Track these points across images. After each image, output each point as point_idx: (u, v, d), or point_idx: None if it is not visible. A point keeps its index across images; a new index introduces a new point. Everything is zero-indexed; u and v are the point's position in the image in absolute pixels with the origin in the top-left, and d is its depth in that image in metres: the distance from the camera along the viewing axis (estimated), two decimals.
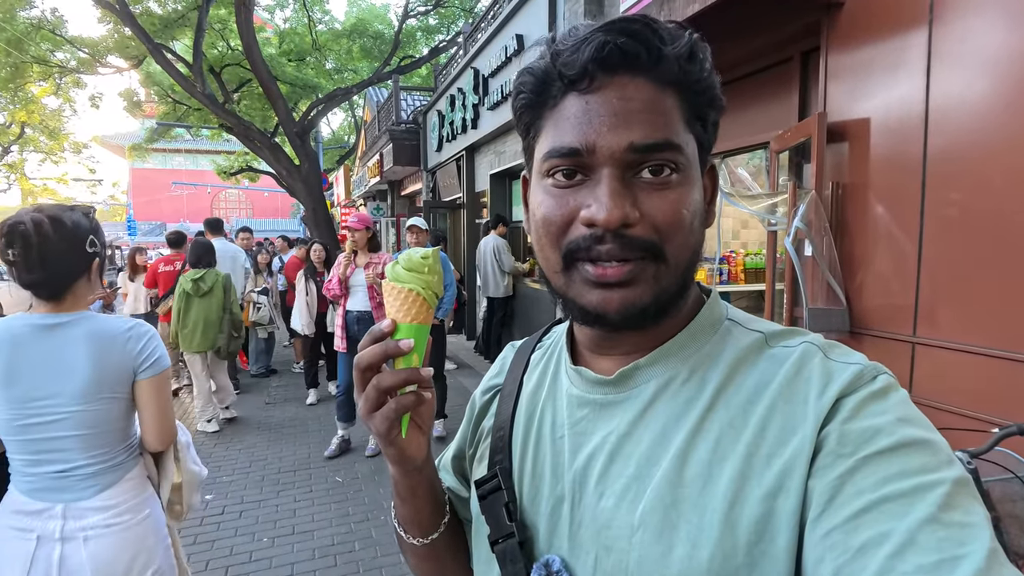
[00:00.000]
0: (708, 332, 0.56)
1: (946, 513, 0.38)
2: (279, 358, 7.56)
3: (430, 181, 10.44)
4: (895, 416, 0.44)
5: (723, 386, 0.52)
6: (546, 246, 0.54)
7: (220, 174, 21.68)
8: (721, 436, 0.49)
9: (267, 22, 17.81)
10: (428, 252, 0.59)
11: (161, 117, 17.35)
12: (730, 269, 5.51)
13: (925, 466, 0.41)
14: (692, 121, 0.52)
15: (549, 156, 0.52)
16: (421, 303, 0.58)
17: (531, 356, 0.70)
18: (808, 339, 0.53)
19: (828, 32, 2.81)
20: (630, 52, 0.49)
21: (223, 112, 12.10)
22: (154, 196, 38.70)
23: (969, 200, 2.24)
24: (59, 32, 13.35)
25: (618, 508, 0.52)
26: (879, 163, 2.59)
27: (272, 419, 5.33)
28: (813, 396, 0.47)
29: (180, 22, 12.84)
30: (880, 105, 2.58)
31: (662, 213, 0.50)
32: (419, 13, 13.13)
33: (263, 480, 4.00)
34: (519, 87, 0.56)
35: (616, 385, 0.56)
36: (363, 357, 0.54)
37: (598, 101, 0.50)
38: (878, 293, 2.61)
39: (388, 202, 14.66)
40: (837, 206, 2.78)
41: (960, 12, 2.26)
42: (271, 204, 39.75)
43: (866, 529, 0.40)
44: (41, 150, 23.32)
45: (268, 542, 3.19)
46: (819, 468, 0.44)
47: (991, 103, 2.17)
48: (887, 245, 2.56)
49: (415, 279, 0.58)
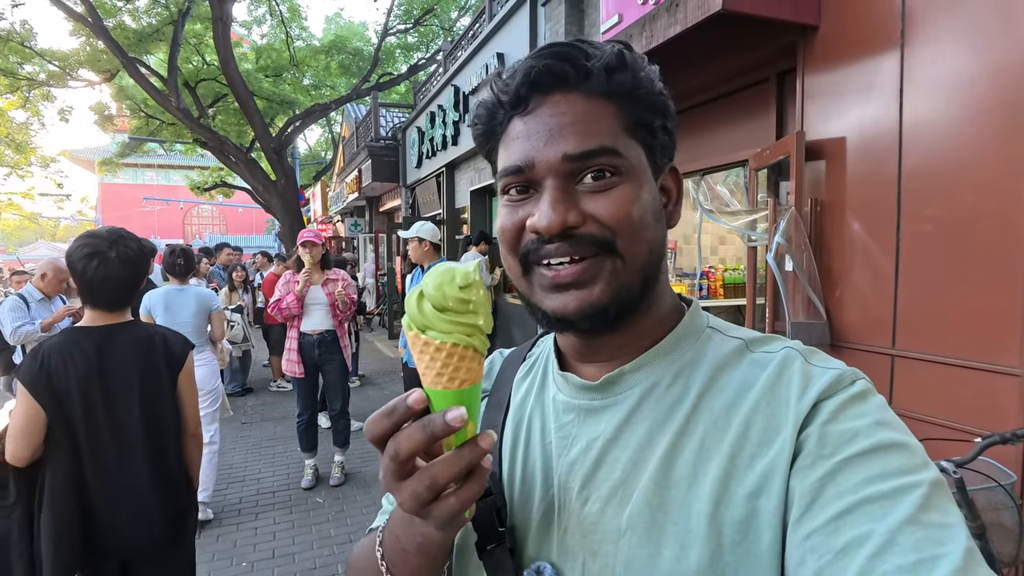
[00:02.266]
0: (691, 339, 0.58)
1: (925, 514, 0.39)
2: (256, 376, 7.41)
3: (409, 197, 10.42)
4: (873, 419, 0.45)
5: (706, 389, 0.53)
6: (506, 254, 0.57)
7: (194, 189, 21.34)
8: (705, 437, 0.50)
9: (244, 38, 17.73)
10: (467, 276, 0.44)
11: (133, 131, 17.07)
12: (710, 284, 5.59)
13: (903, 468, 0.42)
14: (634, 127, 0.54)
15: (501, 176, 0.56)
16: (471, 357, 0.44)
17: (521, 365, 0.71)
18: (788, 345, 0.54)
19: (804, 54, 2.90)
20: (557, 72, 0.52)
21: (198, 127, 11.98)
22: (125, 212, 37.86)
23: (942, 215, 2.32)
24: (28, 44, 13.10)
25: (604, 513, 0.52)
26: (856, 180, 2.67)
27: (250, 439, 5.21)
28: (794, 399, 0.48)
29: (155, 36, 12.70)
30: (855, 124, 2.66)
31: (606, 210, 0.51)
32: (399, 31, 13.18)
33: (240, 502, 3.90)
34: (474, 119, 0.60)
35: (601, 390, 0.57)
36: (401, 446, 0.43)
37: (534, 120, 0.53)
38: (857, 307, 2.67)
39: (366, 218, 14.58)
40: (816, 222, 2.84)
41: (930, 37, 2.35)
42: (246, 220, 39.19)
43: (847, 530, 0.40)
44: (6, 164, 22.68)
45: (247, 566, 3.09)
46: (799, 469, 0.45)
47: (960, 122, 2.25)
48: (865, 260, 2.62)
49: (456, 326, 0.43)
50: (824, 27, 2.80)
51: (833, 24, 2.76)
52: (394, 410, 0.44)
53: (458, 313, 0.43)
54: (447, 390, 0.43)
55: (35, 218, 32.44)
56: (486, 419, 0.67)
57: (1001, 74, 2.12)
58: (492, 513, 0.58)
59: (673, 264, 5.88)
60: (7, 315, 3.92)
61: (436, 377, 0.43)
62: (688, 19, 2.76)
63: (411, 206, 10.35)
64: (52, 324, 4.07)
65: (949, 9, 2.30)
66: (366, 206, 14.37)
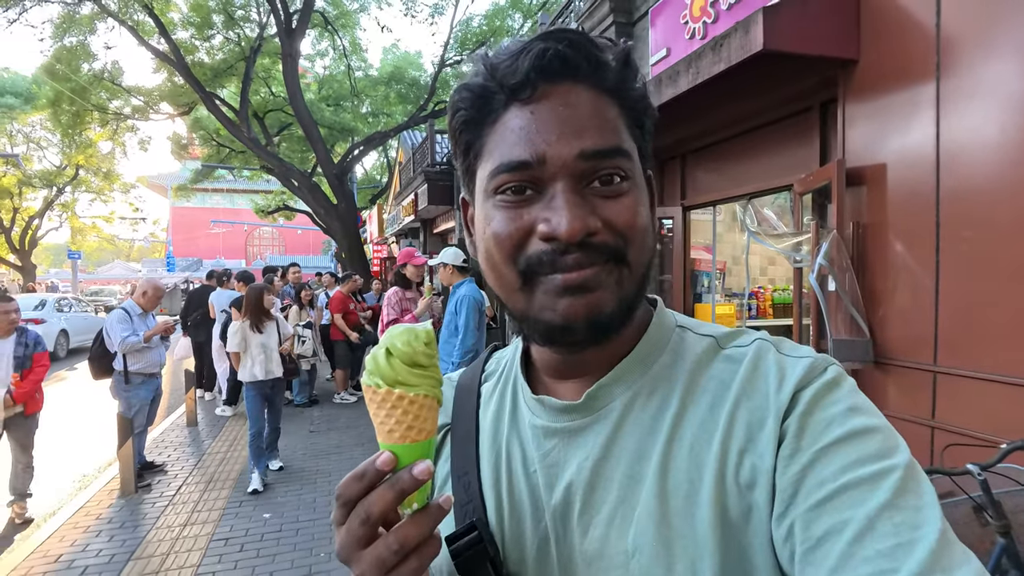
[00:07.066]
0: (663, 342, 0.56)
1: (901, 498, 0.40)
2: (320, 389, 7.85)
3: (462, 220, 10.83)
4: (846, 406, 0.46)
5: (688, 392, 0.52)
6: (499, 264, 0.51)
7: (258, 212, 22.61)
8: (695, 441, 0.49)
9: (307, 70, 18.79)
10: (428, 333, 0.47)
11: (205, 159, 18.32)
12: (759, 304, 5.68)
13: (878, 452, 0.43)
14: (632, 128, 0.53)
15: (497, 172, 0.50)
16: (434, 407, 0.47)
17: (480, 389, 0.66)
18: (758, 336, 0.54)
19: (844, 85, 3.07)
20: (571, 59, 0.49)
21: (266, 154, 12.77)
22: (192, 234, 40.20)
23: (979, 236, 2.44)
24: (117, 82, 14.34)
25: (607, 537, 0.50)
26: (896, 204, 2.81)
27: (317, 446, 5.58)
28: (772, 391, 0.48)
29: (228, 71, 13.71)
30: (895, 151, 2.81)
31: (622, 219, 0.49)
32: (454, 63, 13.76)
33: (315, 501, 4.23)
34: (456, 104, 0.53)
35: (582, 410, 0.54)
36: (373, 508, 0.43)
37: (543, 110, 0.49)
38: (899, 325, 2.79)
39: (420, 239, 15.11)
40: (858, 244, 2.98)
41: (964, 67, 2.50)
42: (303, 241, 40.91)
43: (827, 518, 0.41)
44: (92, 190, 24.64)
45: (325, 556, 3.40)
46: (782, 460, 0.45)
47: (995, 147, 2.39)
48: (906, 279, 2.75)
49: (424, 379, 0.45)
50: (863, 60, 2.97)
51: (872, 57, 2.93)
52: (364, 474, 0.44)
53: (424, 367, 0.45)
54: (416, 443, 0.44)
55: (113, 240, 34.70)
56: (457, 455, 0.62)
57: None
58: (485, 563, 0.53)
59: (722, 284, 6.00)
60: (116, 327, 4.41)
61: (406, 431, 0.44)
62: (732, 57, 2.98)
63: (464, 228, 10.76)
64: (152, 336, 4.55)
65: (982, 41, 2.45)
66: (420, 228, 14.91)
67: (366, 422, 6.23)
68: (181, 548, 3.52)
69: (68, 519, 3.93)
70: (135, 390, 4.55)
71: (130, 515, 4.02)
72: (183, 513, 4.04)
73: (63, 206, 24.91)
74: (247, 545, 3.55)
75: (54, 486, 4.76)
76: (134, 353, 4.51)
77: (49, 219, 25.51)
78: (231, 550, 3.50)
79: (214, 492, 4.44)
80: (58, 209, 25.00)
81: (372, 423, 0.46)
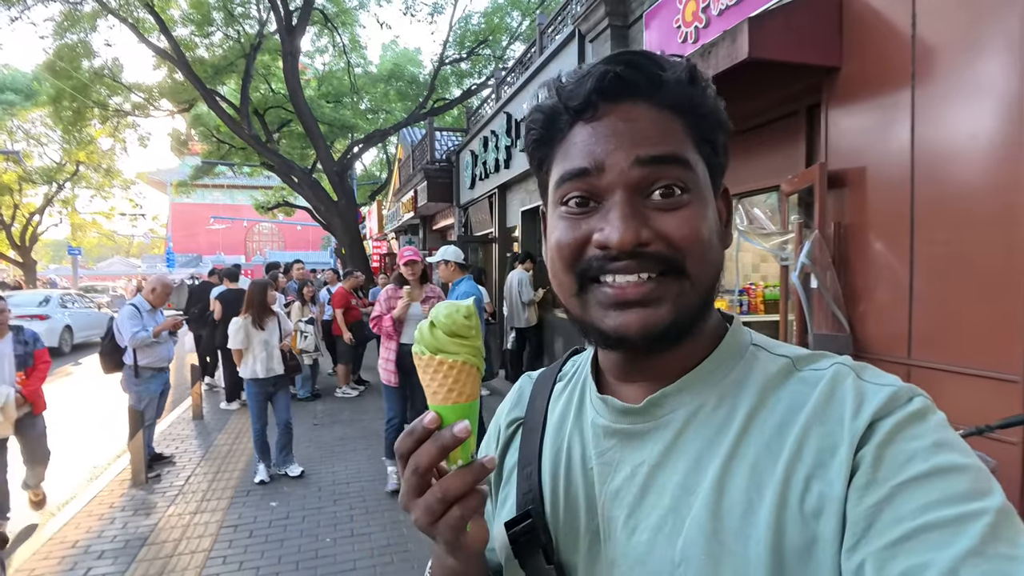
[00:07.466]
0: (734, 358, 0.55)
1: (990, 545, 0.37)
2: (323, 384, 8.00)
3: (462, 216, 10.96)
4: (932, 440, 0.43)
5: (755, 411, 0.51)
6: (560, 271, 0.54)
7: (258, 209, 22.70)
8: (757, 461, 0.48)
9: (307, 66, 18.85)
10: (469, 308, 0.53)
11: (205, 156, 18.43)
12: (750, 300, 5.83)
13: (966, 494, 0.40)
14: (700, 143, 0.53)
15: (561, 182, 0.54)
16: (473, 373, 0.52)
17: (553, 387, 0.69)
18: (838, 361, 0.52)
19: (828, 91, 3.21)
20: (630, 80, 0.51)
21: (267, 151, 12.88)
22: (192, 230, 40.26)
23: (951, 238, 2.58)
24: (118, 79, 14.43)
25: (654, 543, 0.50)
26: (875, 206, 2.95)
27: (321, 438, 5.73)
28: (848, 418, 0.46)
29: (228, 68, 13.80)
30: (874, 154, 2.95)
31: (677, 230, 0.50)
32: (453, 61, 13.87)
33: (320, 491, 4.39)
34: (529, 125, 0.58)
35: (644, 414, 0.55)
36: (421, 460, 0.49)
37: (603, 126, 0.52)
38: (877, 320, 2.94)
39: (420, 236, 15.25)
40: (840, 243, 3.13)
41: (938, 74, 2.64)
42: (302, 237, 40.96)
43: (905, 558, 0.39)
44: (92, 186, 24.74)
45: (330, 542, 3.56)
46: (855, 491, 0.43)
47: (966, 152, 2.53)
48: (884, 278, 2.90)
49: (463, 347, 0.51)
50: (846, 68, 3.10)
51: (854, 65, 3.07)
52: (413, 430, 0.50)
53: (464, 338, 0.51)
54: (456, 404, 0.51)
55: (112, 236, 34.77)
56: (524, 447, 0.66)
57: (1002, 110, 2.39)
58: (538, 550, 0.57)
59: None
60: (126, 322, 4.55)
61: (447, 393, 0.51)
62: (720, 64, 3.12)
63: (464, 225, 10.89)
64: (161, 332, 4.70)
65: (954, 50, 2.58)
66: (420, 224, 15.04)
67: (368, 416, 6.41)
68: (192, 534, 3.67)
69: (83, 508, 4.08)
70: (145, 384, 4.70)
71: (142, 504, 4.17)
72: (192, 502, 4.19)
73: (63, 202, 24.97)
74: (255, 532, 3.71)
75: (67, 476, 4.91)
76: (144, 348, 4.65)
77: (49, 215, 25.57)
78: (240, 536, 3.65)
79: (221, 482, 4.59)
80: (58, 205, 25.06)
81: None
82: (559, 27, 6.91)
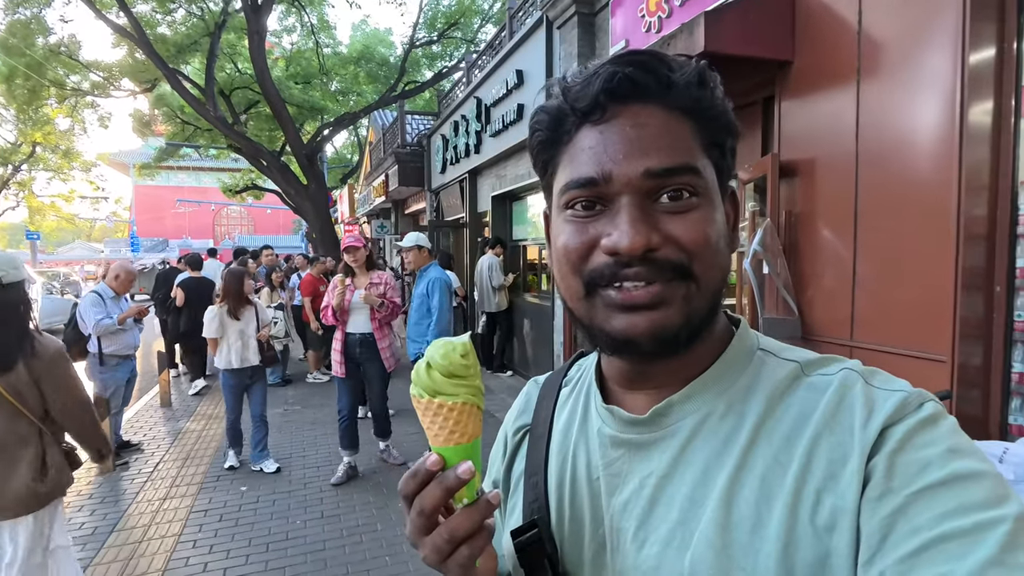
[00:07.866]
0: (742, 364, 0.55)
1: (1010, 554, 0.37)
2: (293, 369, 7.99)
3: (434, 201, 10.95)
4: (945, 447, 0.42)
5: (763, 420, 0.50)
6: (567, 275, 0.53)
7: (225, 192, 22.23)
8: (766, 473, 0.48)
9: (274, 45, 18.42)
10: (466, 346, 0.52)
11: (170, 137, 17.94)
12: None
13: (984, 502, 0.39)
14: (709, 147, 0.53)
15: (567, 188, 0.52)
16: (474, 413, 0.51)
17: (559, 392, 0.68)
18: (846, 366, 0.51)
19: (781, 84, 3.33)
20: (640, 81, 0.50)
21: (234, 134, 12.62)
22: (157, 213, 39.21)
23: (889, 226, 2.73)
24: (75, 57, 13.94)
25: (664, 556, 0.50)
26: (823, 196, 3.09)
27: (292, 423, 5.77)
28: (858, 426, 0.45)
29: (192, 47, 13.43)
30: (823, 146, 3.08)
31: (686, 233, 0.49)
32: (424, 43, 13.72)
33: (290, 475, 4.44)
34: (534, 126, 0.56)
35: (650, 424, 0.54)
36: (426, 503, 0.49)
37: (612, 130, 0.50)
38: (824, 305, 3.10)
39: (392, 220, 15.17)
40: (791, 231, 3.27)
41: (882, 71, 2.77)
42: (272, 221, 40.25)
43: (923, 570, 0.38)
44: (50, 168, 23.93)
45: (301, 524, 3.63)
46: (868, 502, 0.42)
47: (904, 145, 2.67)
48: (830, 264, 3.05)
49: (462, 388, 0.50)
50: (797, 61, 3.22)
51: (805, 59, 3.18)
52: (416, 472, 0.50)
53: (463, 377, 0.50)
54: (458, 445, 0.50)
55: (73, 219, 33.74)
56: (531, 455, 0.65)
57: (941, 104, 2.52)
58: (543, 560, 0.57)
59: None
60: (89, 310, 4.50)
61: (449, 435, 0.50)
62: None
63: (435, 209, 10.88)
64: (125, 319, 4.66)
65: (897, 47, 2.71)
66: (392, 208, 14.95)
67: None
68: (162, 520, 3.71)
69: None
70: (111, 372, 4.66)
71: (110, 491, 4.18)
72: (162, 488, 4.21)
73: (20, 184, 24.14)
74: (226, 516, 3.76)
75: None
76: (108, 336, 4.60)
77: (5, 198, 24.73)
78: (210, 520, 3.70)
79: (191, 468, 4.61)
80: (14, 188, 24.22)
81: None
82: (529, 11, 6.92)
